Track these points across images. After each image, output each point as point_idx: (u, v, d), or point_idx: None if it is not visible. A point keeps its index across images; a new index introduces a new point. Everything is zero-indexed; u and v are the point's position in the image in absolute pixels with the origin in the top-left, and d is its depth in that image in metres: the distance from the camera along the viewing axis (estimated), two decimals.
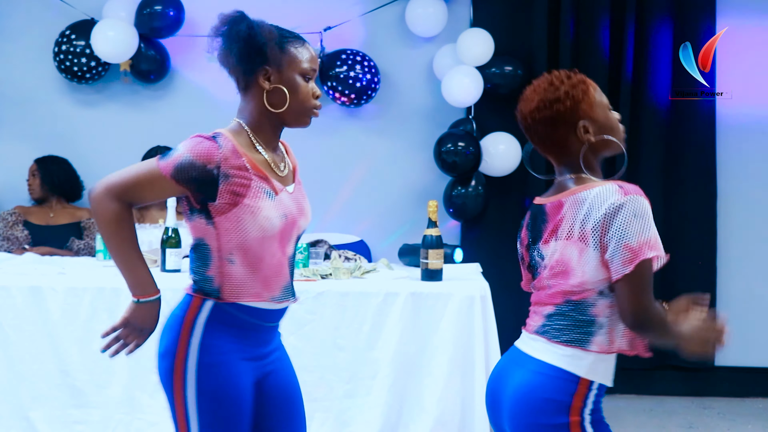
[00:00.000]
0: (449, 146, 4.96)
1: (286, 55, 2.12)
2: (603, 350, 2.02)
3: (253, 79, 2.13)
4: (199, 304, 2.11)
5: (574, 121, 2.09)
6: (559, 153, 2.13)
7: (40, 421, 3.54)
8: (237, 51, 2.10)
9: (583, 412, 2.01)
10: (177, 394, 2.08)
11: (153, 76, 5.16)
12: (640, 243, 1.95)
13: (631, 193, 1.99)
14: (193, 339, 2.08)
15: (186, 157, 2.05)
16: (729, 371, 5.26)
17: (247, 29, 2.09)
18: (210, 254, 2.10)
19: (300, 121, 2.18)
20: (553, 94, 2.10)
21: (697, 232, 5.18)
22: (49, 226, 4.84)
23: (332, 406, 3.52)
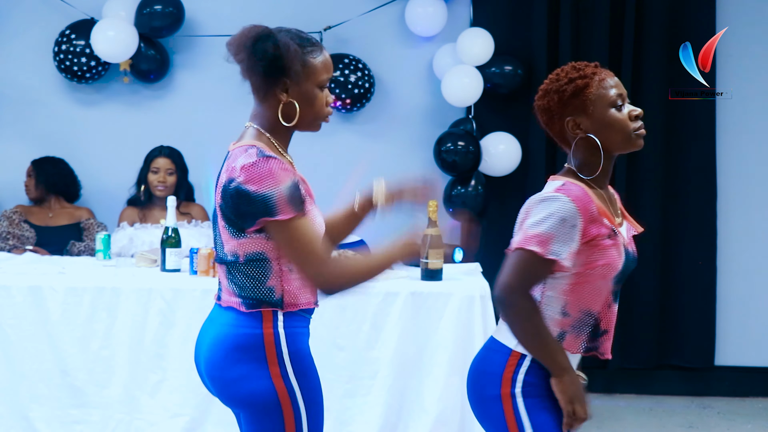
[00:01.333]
0: (449, 145, 4.96)
1: (307, 68, 2.13)
2: None
3: (271, 92, 2.14)
4: (272, 315, 2.10)
5: (563, 116, 2.12)
6: (563, 146, 2.18)
7: (39, 421, 3.54)
8: (261, 68, 2.11)
9: (513, 384, 2.06)
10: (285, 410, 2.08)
11: (153, 75, 5.16)
12: (533, 234, 2.01)
13: (563, 193, 2.03)
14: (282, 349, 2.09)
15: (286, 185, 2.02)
16: (729, 371, 5.26)
17: (273, 48, 2.10)
18: (270, 265, 2.09)
19: (311, 126, 2.22)
20: (551, 85, 2.14)
21: (697, 232, 5.18)
22: (49, 227, 4.84)
23: (332, 405, 3.51)
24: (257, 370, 2.07)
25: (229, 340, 2.10)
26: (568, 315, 2.08)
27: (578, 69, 2.12)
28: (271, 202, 2.00)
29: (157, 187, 4.66)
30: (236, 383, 2.09)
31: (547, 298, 2.09)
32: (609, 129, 2.10)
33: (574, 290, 2.07)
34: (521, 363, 2.07)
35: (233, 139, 2.26)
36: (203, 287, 3.53)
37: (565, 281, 2.07)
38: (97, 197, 5.14)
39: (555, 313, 2.08)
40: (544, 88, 2.15)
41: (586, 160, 2.12)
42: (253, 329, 2.09)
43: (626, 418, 4.79)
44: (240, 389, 2.09)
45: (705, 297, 5.19)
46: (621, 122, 2.11)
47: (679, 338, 5.19)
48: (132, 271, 3.83)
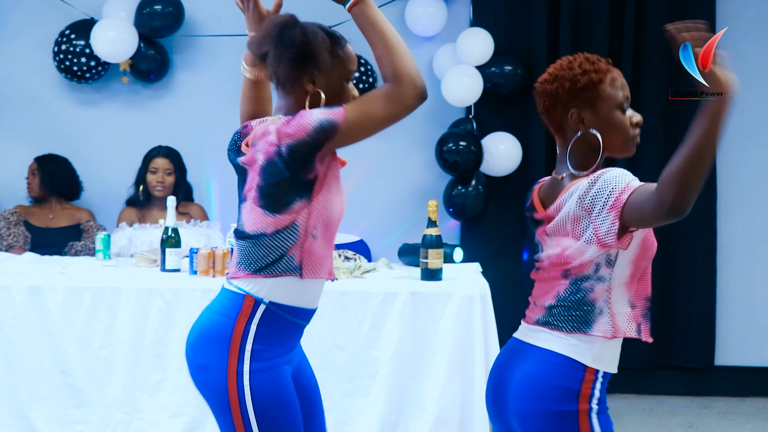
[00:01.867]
0: (450, 145, 4.96)
1: (334, 59, 2.15)
2: (607, 335, 2.00)
3: (298, 83, 2.13)
4: (250, 310, 2.08)
5: (568, 106, 2.08)
6: (557, 134, 2.14)
7: (39, 421, 3.54)
8: (290, 56, 2.10)
9: (591, 400, 2.00)
10: (234, 407, 2.05)
11: (153, 75, 5.17)
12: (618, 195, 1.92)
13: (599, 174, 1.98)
14: (246, 346, 2.06)
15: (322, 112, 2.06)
16: (729, 371, 5.26)
17: (301, 35, 2.10)
18: (298, 233, 2.08)
19: None
20: (563, 71, 2.10)
21: (697, 232, 5.18)
22: (49, 228, 4.83)
23: (332, 405, 3.51)
24: (217, 363, 2.05)
25: (205, 325, 2.11)
26: (635, 306, 2.04)
27: (593, 62, 2.09)
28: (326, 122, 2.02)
29: (155, 188, 4.66)
30: (199, 371, 2.09)
31: (614, 297, 2.01)
32: (611, 129, 2.08)
33: (633, 280, 2.03)
34: (596, 378, 2.01)
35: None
36: (203, 287, 3.53)
37: (625, 273, 2.01)
38: (97, 197, 5.15)
39: (626, 309, 2.02)
40: (554, 73, 2.11)
41: (584, 155, 2.09)
42: (227, 318, 2.07)
43: (626, 417, 4.79)
44: (200, 378, 2.09)
45: (705, 297, 5.19)
46: (624, 125, 2.09)
47: (679, 338, 5.19)
48: (132, 271, 3.83)
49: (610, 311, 2.01)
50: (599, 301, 2.01)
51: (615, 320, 2.01)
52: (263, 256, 2.09)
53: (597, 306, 2.01)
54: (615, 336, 2.01)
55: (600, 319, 2.01)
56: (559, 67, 2.11)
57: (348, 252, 4.09)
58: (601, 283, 2.01)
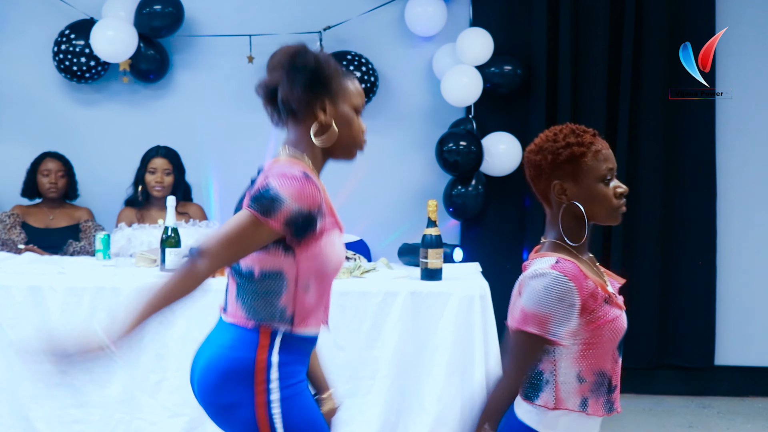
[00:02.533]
0: (451, 145, 4.96)
1: (345, 89, 2.13)
2: (548, 405, 2.06)
3: (310, 110, 2.10)
4: (268, 341, 2.06)
5: (551, 177, 2.10)
6: (543, 203, 2.17)
7: (39, 421, 3.54)
8: (303, 81, 2.07)
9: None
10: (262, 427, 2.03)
11: (152, 75, 5.16)
12: (530, 313, 2.00)
13: (559, 271, 2.01)
14: (271, 376, 2.04)
15: (294, 207, 1.99)
16: (728, 370, 5.26)
17: (314, 61, 2.08)
18: (286, 283, 2.06)
19: (347, 153, 2.18)
20: (547, 143, 2.12)
21: (697, 232, 5.18)
22: (49, 228, 4.82)
23: None
24: (246, 398, 2.03)
25: (221, 363, 2.07)
26: (584, 380, 2.07)
27: (577, 134, 2.10)
28: (276, 205, 1.97)
29: (154, 188, 4.66)
30: (226, 410, 2.07)
31: (561, 369, 2.06)
32: (593, 201, 2.09)
33: (585, 356, 2.06)
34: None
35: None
36: (203, 287, 3.52)
37: (575, 349, 2.05)
38: (96, 197, 5.14)
39: (572, 381, 2.06)
40: (539, 144, 2.13)
41: (568, 225, 2.11)
42: (247, 353, 2.05)
43: (626, 417, 4.79)
44: (228, 417, 2.07)
45: (705, 297, 5.19)
46: (606, 197, 2.09)
47: (678, 338, 5.19)
48: (131, 271, 3.82)
49: (555, 382, 2.07)
50: (546, 373, 2.08)
51: (558, 392, 2.07)
52: (257, 303, 2.08)
53: (544, 376, 2.08)
54: (556, 407, 2.06)
55: (545, 388, 2.08)
56: (544, 138, 2.13)
57: (348, 252, 4.09)
58: (547, 356, 2.07)
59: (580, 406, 2.07)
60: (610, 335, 2.06)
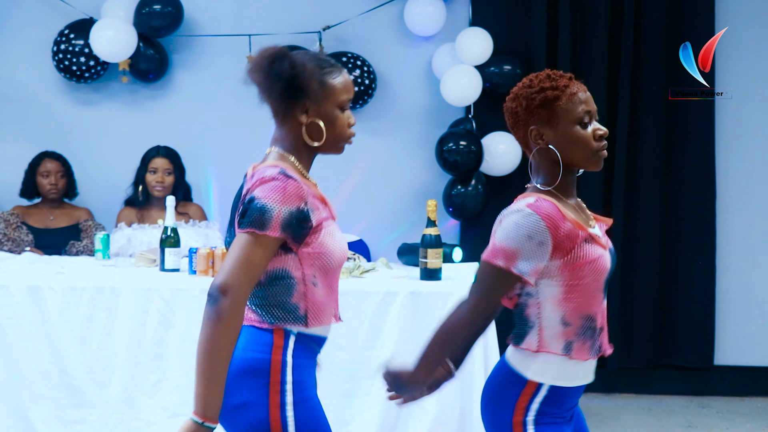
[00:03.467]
0: (451, 145, 4.96)
1: (326, 88, 2.11)
2: (531, 348, 2.08)
3: (291, 114, 2.11)
4: (282, 342, 2.06)
5: (528, 123, 2.12)
6: (525, 150, 2.17)
7: (38, 421, 3.54)
8: (279, 90, 2.08)
9: (527, 413, 2.07)
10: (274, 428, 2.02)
11: (152, 75, 5.16)
12: (499, 246, 2.03)
13: (534, 210, 2.03)
14: (287, 378, 2.04)
15: (284, 210, 1.99)
16: (728, 370, 5.26)
17: (290, 68, 2.07)
18: (294, 282, 2.06)
19: (334, 149, 2.19)
20: (522, 90, 2.13)
21: (697, 232, 5.18)
22: (48, 229, 4.82)
23: (331, 405, 3.49)
24: (258, 398, 2.02)
25: (236, 364, 2.05)
26: (569, 324, 2.07)
27: (552, 79, 2.11)
28: (266, 216, 1.98)
29: (155, 188, 4.66)
30: (237, 411, 2.04)
31: (545, 312, 2.08)
32: (571, 145, 2.09)
33: (568, 299, 2.07)
34: (537, 392, 2.07)
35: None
36: (202, 287, 3.53)
37: (558, 290, 2.06)
38: (95, 197, 5.14)
39: (556, 325, 2.07)
40: (515, 91, 2.15)
41: (546, 170, 2.12)
42: (262, 354, 2.04)
43: (625, 417, 4.79)
44: (238, 417, 2.05)
45: (704, 297, 5.19)
46: (584, 140, 2.09)
47: (678, 338, 5.19)
48: (131, 270, 3.83)
49: (539, 325, 2.09)
50: (532, 317, 2.10)
51: (542, 334, 2.08)
52: (268, 306, 2.07)
53: (530, 321, 2.10)
54: (539, 350, 2.08)
55: (530, 332, 2.10)
56: (520, 86, 2.15)
57: (347, 252, 4.09)
58: (531, 298, 2.09)
59: (563, 349, 2.08)
60: (592, 276, 2.07)
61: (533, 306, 2.08)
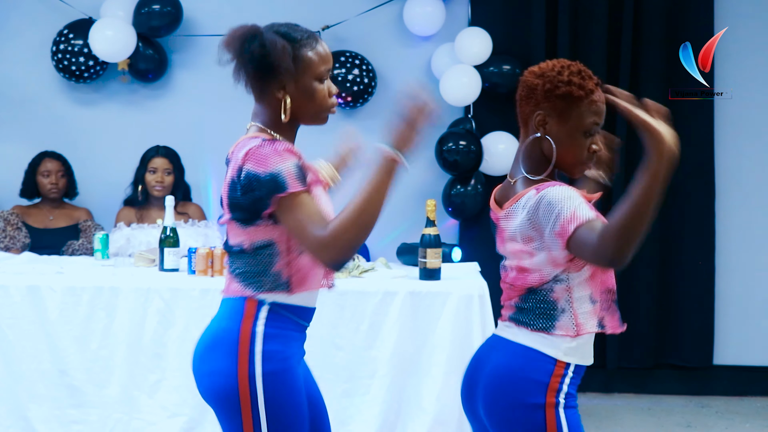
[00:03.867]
0: (451, 145, 4.96)
1: (301, 63, 2.10)
2: (569, 333, 2.05)
3: (267, 90, 2.11)
4: (254, 311, 2.06)
5: (540, 105, 2.09)
6: (522, 128, 2.15)
7: (38, 421, 3.54)
8: (250, 69, 2.09)
9: (558, 394, 2.04)
10: (244, 410, 2.02)
11: (151, 75, 5.16)
12: (564, 223, 1.96)
13: (544, 187, 2.02)
14: (255, 347, 2.03)
15: (289, 165, 1.99)
16: (727, 370, 5.26)
17: (260, 48, 2.07)
18: (278, 252, 2.06)
19: (316, 120, 2.18)
20: (550, 72, 2.09)
21: (696, 232, 5.18)
22: (48, 229, 4.82)
23: (330, 405, 3.48)
24: (227, 367, 2.02)
25: (209, 333, 2.08)
26: (596, 301, 2.07)
27: (582, 77, 2.08)
28: (280, 179, 1.97)
29: (155, 187, 4.66)
30: (207, 377, 2.06)
31: (575, 295, 2.05)
32: (568, 147, 2.09)
33: (593, 277, 2.06)
34: (566, 372, 2.05)
35: (231, 138, 2.25)
36: (201, 287, 3.53)
37: (585, 273, 2.05)
38: (94, 197, 5.14)
39: (588, 307, 2.06)
40: (543, 70, 2.10)
41: (537, 160, 2.11)
42: (233, 323, 2.05)
43: (624, 417, 4.79)
44: (209, 384, 2.06)
45: (703, 296, 5.19)
46: (581, 149, 2.09)
47: (677, 337, 5.19)
48: (130, 270, 3.82)
49: (572, 310, 2.06)
50: (561, 301, 2.06)
51: (577, 319, 2.06)
52: (250, 274, 2.07)
53: (559, 305, 2.06)
54: (578, 334, 2.05)
55: (562, 317, 2.06)
56: (550, 66, 2.11)
57: None
58: (561, 284, 2.06)
59: (598, 326, 2.07)
60: None
61: (562, 291, 2.05)
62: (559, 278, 2.05)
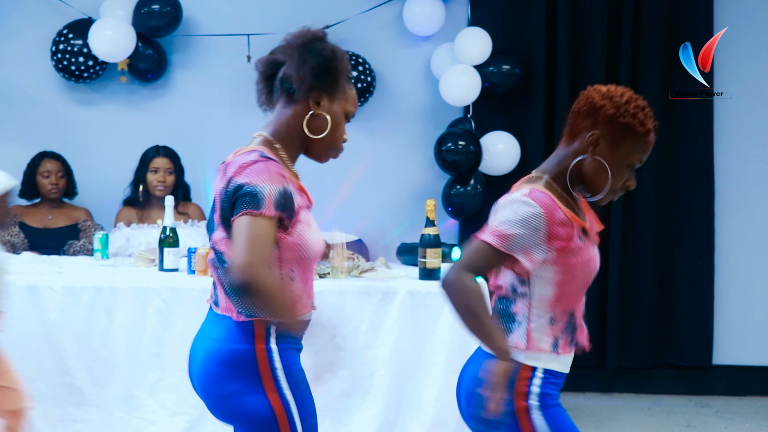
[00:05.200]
0: (449, 145, 4.96)
1: (345, 91, 2.13)
2: (519, 347, 2.08)
3: (307, 95, 2.10)
4: (263, 332, 2.06)
5: (596, 125, 2.10)
6: (566, 138, 2.17)
7: (39, 420, 3.53)
8: (312, 64, 2.08)
9: (528, 397, 2.06)
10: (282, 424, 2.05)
11: (151, 75, 5.16)
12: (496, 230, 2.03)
13: (531, 198, 2.05)
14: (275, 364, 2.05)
15: (273, 189, 1.98)
16: (727, 370, 5.27)
17: (330, 51, 2.10)
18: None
19: (322, 155, 2.17)
20: (617, 98, 2.11)
21: (695, 233, 5.19)
22: (47, 228, 4.82)
23: (330, 405, 3.51)
24: (251, 385, 2.04)
25: (221, 355, 2.07)
26: (556, 321, 2.10)
27: (647, 114, 2.10)
28: (259, 196, 1.96)
29: (156, 187, 4.66)
30: (230, 399, 2.06)
31: (534, 312, 2.09)
32: (606, 175, 2.10)
33: (559, 299, 2.09)
34: (533, 376, 2.07)
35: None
36: (201, 286, 3.53)
37: (547, 293, 2.08)
38: (94, 197, 5.14)
39: (545, 324, 2.09)
40: (612, 92, 2.12)
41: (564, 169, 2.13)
42: (246, 344, 2.05)
43: (624, 417, 4.79)
44: (235, 405, 2.06)
45: (703, 296, 5.20)
46: (618, 180, 2.12)
47: (677, 337, 5.19)
48: (130, 270, 3.82)
49: (527, 325, 2.09)
50: (519, 315, 2.10)
51: (530, 334, 2.09)
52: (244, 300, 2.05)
53: (517, 318, 2.10)
54: (528, 349, 2.08)
55: (517, 330, 2.09)
56: (619, 93, 2.13)
57: (347, 252, 4.09)
58: (523, 299, 2.10)
59: (552, 346, 2.09)
60: (583, 276, 2.09)
61: (522, 305, 2.09)
62: (521, 293, 2.09)
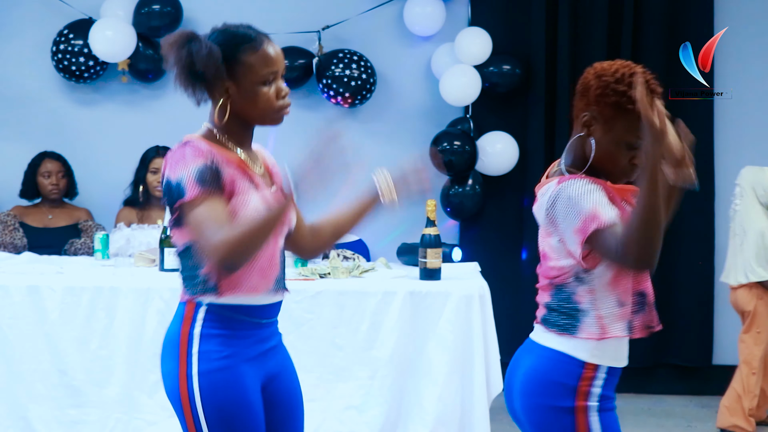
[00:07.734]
0: (445, 145, 4.96)
1: (241, 66, 2.08)
2: (593, 337, 2.03)
3: (207, 93, 2.14)
4: (192, 313, 2.08)
5: (589, 105, 2.04)
6: (574, 121, 2.12)
7: (37, 421, 3.53)
8: (179, 74, 2.11)
9: (589, 397, 2.02)
10: (186, 410, 2.05)
11: (151, 75, 5.16)
12: (584, 221, 1.94)
13: (566, 180, 2.01)
14: (192, 349, 2.06)
15: (191, 170, 2.00)
16: (727, 370, 5.25)
17: (187, 55, 2.07)
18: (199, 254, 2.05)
19: (266, 121, 2.16)
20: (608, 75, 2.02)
21: (695, 233, 5.19)
22: (48, 228, 4.82)
23: (330, 405, 3.51)
24: (172, 368, 2.08)
25: (165, 336, 2.13)
26: (624, 304, 2.04)
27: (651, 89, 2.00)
28: (181, 185, 1.99)
29: (156, 188, 4.66)
30: (163, 380, 2.12)
31: (600, 299, 2.03)
32: (608, 154, 2.04)
33: (617, 279, 2.02)
34: (596, 375, 2.03)
35: None
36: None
37: (607, 274, 2.02)
38: (94, 197, 5.14)
39: (613, 309, 2.03)
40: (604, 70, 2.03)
41: (579, 157, 2.09)
42: (175, 325, 2.10)
43: (624, 417, 4.77)
44: (165, 386, 2.12)
45: (703, 296, 5.20)
46: (618, 159, 2.04)
47: (677, 337, 5.19)
48: (130, 270, 3.82)
49: (595, 312, 2.03)
50: (584, 303, 2.04)
51: (602, 321, 2.03)
52: (185, 276, 2.11)
53: (582, 308, 2.04)
54: (602, 337, 2.03)
55: (586, 320, 2.03)
56: (612, 70, 2.03)
57: (347, 251, 4.09)
58: (584, 286, 2.04)
59: (626, 330, 2.04)
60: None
61: (584, 293, 2.03)
62: (582, 279, 2.03)
